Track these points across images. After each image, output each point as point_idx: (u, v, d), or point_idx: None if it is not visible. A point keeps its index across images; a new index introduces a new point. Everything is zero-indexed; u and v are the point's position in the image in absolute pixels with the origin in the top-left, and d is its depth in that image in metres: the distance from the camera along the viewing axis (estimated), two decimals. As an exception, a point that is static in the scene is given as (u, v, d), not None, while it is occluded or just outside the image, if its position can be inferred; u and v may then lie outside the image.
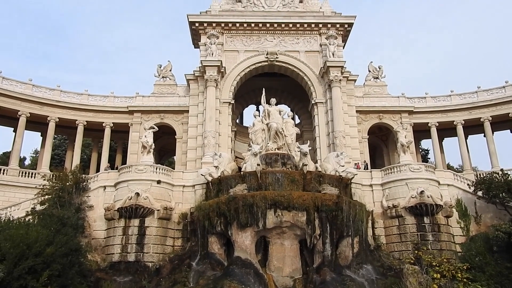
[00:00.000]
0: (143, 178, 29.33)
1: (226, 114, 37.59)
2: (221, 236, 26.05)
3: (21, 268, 17.42)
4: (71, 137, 42.46)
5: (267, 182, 26.68)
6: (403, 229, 28.83)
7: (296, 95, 43.69)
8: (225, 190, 27.64)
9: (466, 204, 30.78)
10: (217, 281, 23.16)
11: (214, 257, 25.73)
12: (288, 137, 31.31)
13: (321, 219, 24.64)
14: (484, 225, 29.92)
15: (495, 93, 40.49)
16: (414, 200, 28.83)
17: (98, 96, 41.38)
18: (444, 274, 24.46)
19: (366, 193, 30.97)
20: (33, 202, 29.72)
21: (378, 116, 39.86)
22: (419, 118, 40.81)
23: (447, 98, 41.76)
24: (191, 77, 38.87)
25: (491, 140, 39.84)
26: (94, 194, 30.67)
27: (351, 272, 24.67)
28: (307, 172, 27.46)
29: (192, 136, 36.99)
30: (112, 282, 25.30)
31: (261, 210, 24.38)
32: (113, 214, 28.71)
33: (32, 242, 18.61)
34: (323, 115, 37.82)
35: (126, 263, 26.92)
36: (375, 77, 41.83)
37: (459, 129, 40.67)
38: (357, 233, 26.10)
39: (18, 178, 36.16)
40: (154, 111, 39.31)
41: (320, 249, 24.69)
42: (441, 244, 27.87)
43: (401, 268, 25.23)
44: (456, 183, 31.90)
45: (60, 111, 39.52)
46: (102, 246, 28.73)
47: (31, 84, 39.26)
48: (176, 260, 26.98)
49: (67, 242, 21.14)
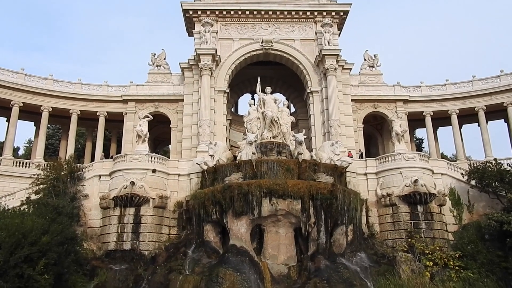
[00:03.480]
0: (138, 167, 29.31)
1: (221, 103, 37.49)
2: (217, 225, 26.19)
3: (17, 256, 17.45)
4: (65, 126, 42.22)
5: (262, 171, 26.78)
6: (397, 217, 29.10)
7: (291, 83, 43.60)
8: (220, 178, 27.71)
9: (459, 193, 31.07)
10: (213, 269, 23.34)
11: (209, 245, 25.89)
12: (283, 126, 31.35)
13: (316, 207, 24.82)
14: (476, 214, 30.26)
15: (490, 83, 40.67)
16: (408, 189, 29.06)
17: (92, 85, 41.12)
18: (436, 262, 24.79)
19: (361, 182, 31.17)
20: (28, 191, 29.67)
21: (373, 105, 39.96)
22: (414, 107, 40.95)
23: (442, 87, 41.89)
24: (185, 66, 38.63)
25: (485, 129, 40.10)
26: (89, 183, 30.63)
27: (345, 260, 24.96)
28: (302, 160, 27.56)
29: (187, 125, 36.91)
30: (108, 270, 25.43)
31: (256, 198, 24.51)
32: (109, 203, 28.73)
33: (28, 231, 18.62)
34: (318, 104, 37.82)
35: (122, 251, 27.04)
36: (371, 65, 41.81)
37: (453, 119, 40.87)
38: (351, 221, 26.34)
39: (12, 168, 36.01)
40: (149, 100, 39.12)
41: (314, 237, 24.92)
42: (434, 233, 28.18)
43: (394, 256, 25.53)
44: (449, 172, 32.16)
45: (53, 100, 39.24)
46: (97, 234, 28.81)
47: (24, 74, 38.91)
48: (171, 248, 27.14)
49: (63, 231, 21.16)
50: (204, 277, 22.93)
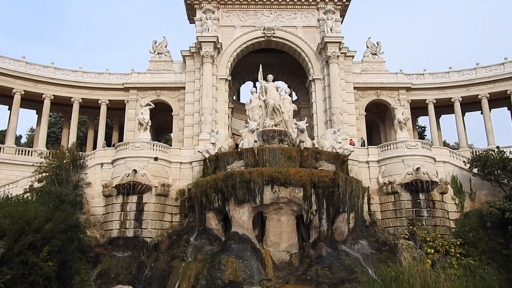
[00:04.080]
0: (140, 155, 29.35)
1: (223, 90, 37.36)
2: (219, 212, 26.31)
3: (21, 244, 17.58)
4: (66, 114, 42.23)
5: (264, 159, 26.78)
6: (399, 205, 29.15)
7: (293, 71, 43.36)
8: (222, 166, 27.74)
9: (461, 181, 31.07)
10: (215, 256, 23.51)
11: (211, 232, 26.04)
12: (285, 113, 31.25)
13: (318, 195, 24.88)
14: (478, 201, 30.30)
15: (493, 70, 40.35)
16: (410, 177, 29.05)
17: (93, 73, 41.00)
18: (437, 249, 24.91)
19: (363, 170, 31.16)
20: (31, 179, 29.79)
21: (375, 93, 39.77)
22: (416, 95, 40.74)
23: (445, 74, 41.60)
24: (187, 54, 38.41)
25: (488, 117, 39.92)
26: (91, 171, 30.73)
27: (346, 247, 25.10)
28: (304, 148, 27.54)
29: (188, 113, 36.84)
30: (111, 257, 25.66)
31: (258, 186, 24.56)
32: (111, 191, 28.84)
33: (31, 218, 18.73)
34: (320, 92, 37.65)
35: (124, 238, 27.23)
36: (373, 53, 41.49)
37: (456, 106, 40.68)
38: (353, 209, 26.41)
39: (15, 156, 36.11)
40: (150, 88, 39.02)
41: (316, 224, 25.02)
42: (436, 220, 28.24)
43: (395, 243, 25.64)
44: (452, 160, 32.12)
45: (55, 88, 39.18)
46: (100, 222, 28.99)
47: (25, 62, 38.81)
48: (174, 236, 27.31)
49: (66, 219, 21.28)
50: (207, 264, 23.12)
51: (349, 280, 21.88)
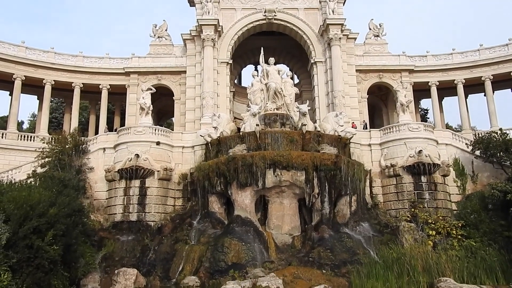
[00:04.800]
0: (142, 139, 29.37)
1: (224, 74, 37.15)
2: (221, 196, 26.44)
3: (26, 228, 17.70)
4: (68, 100, 42.18)
5: (266, 142, 26.76)
6: (400, 187, 29.21)
7: (295, 54, 43.02)
8: (224, 150, 27.77)
9: (463, 163, 31.05)
10: (218, 239, 23.72)
11: (214, 216, 26.22)
12: (287, 97, 31.09)
13: (320, 178, 24.93)
14: (480, 184, 30.32)
15: (497, 51, 39.96)
16: (412, 160, 29.03)
17: (93, 57, 40.80)
18: (439, 231, 25.05)
19: (365, 153, 31.14)
20: (34, 165, 29.91)
21: (378, 75, 39.49)
22: (419, 77, 40.45)
23: (448, 56, 41.23)
24: (187, 37, 38.08)
25: (491, 99, 39.70)
26: (94, 156, 30.80)
27: (348, 230, 25.24)
28: (306, 132, 27.49)
29: (190, 97, 36.73)
30: (115, 241, 25.91)
31: (260, 169, 24.61)
32: (114, 175, 28.96)
33: (35, 203, 18.83)
34: (322, 75, 37.40)
35: (128, 222, 27.46)
36: (376, 35, 41.05)
37: (459, 88, 40.43)
38: (355, 192, 26.47)
39: (18, 142, 36.21)
40: (151, 72, 38.85)
41: (318, 207, 25.15)
42: (437, 203, 28.31)
43: (397, 226, 25.79)
44: (454, 143, 32.03)
45: (56, 73, 39.06)
46: (104, 206, 29.19)
47: (24, 47, 38.60)
48: (177, 219, 27.53)
49: (70, 203, 21.39)
50: (210, 247, 23.34)
51: (351, 261, 22.09)
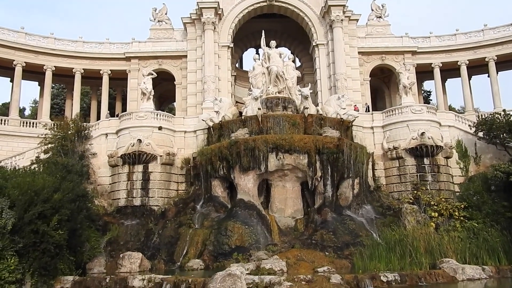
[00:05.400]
0: (144, 124, 29.37)
1: (225, 58, 36.89)
2: (224, 180, 26.53)
3: (31, 213, 17.88)
4: (69, 86, 42.08)
5: (268, 126, 26.72)
6: (403, 170, 29.22)
7: (296, 37, 42.61)
8: (226, 134, 27.75)
9: (466, 145, 30.98)
10: (221, 222, 23.90)
11: (217, 200, 26.36)
12: (288, 80, 30.93)
13: (322, 162, 24.95)
14: (483, 165, 30.29)
15: (502, 31, 39.43)
16: (414, 142, 28.98)
17: (93, 43, 40.55)
18: (441, 212, 25.16)
19: (367, 136, 31.07)
20: (37, 151, 30.01)
21: (380, 58, 39.14)
22: (422, 59, 40.07)
23: (452, 37, 40.75)
24: (187, 21, 37.71)
25: (495, 80, 39.36)
26: (96, 141, 30.87)
27: (351, 212, 25.36)
28: (308, 115, 27.41)
29: (191, 82, 36.57)
30: (120, 225, 26.16)
31: (262, 153, 24.63)
32: (117, 160, 29.05)
33: (40, 189, 18.96)
34: (324, 57, 37.10)
35: (132, 207, 27.67)
36: (378, 16, 40.56)
37: (462, 70, 40.07)
38: (357, 175, 26.52)
39: (20, 128, 36.25)
40: (152, 57, 38.61)
41: (321, 190, 25.22)
42: (440, 185, 28.36)
43: (400, 208, 25.89)
44: (457, 124, 31.91)
45: (56, 59, 38.88)
46: (107, 191, 29.38)
47: (24, 32, 38.33)
48: (180, 204, 27.70)
49: (74, 188, 21.52)
50: (213, 230, 23.54)
51: (353, 243, 22.26)
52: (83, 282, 18.94)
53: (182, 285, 16.73)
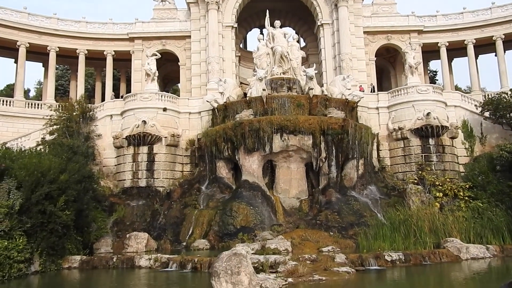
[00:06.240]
0: (148, 106, 29.34)
1: (229, 38, 36.47)
2: (229, 161, 26.61)
3: (38, 194, 18.06)
4: (73, 67, 41.94)
5: (273, 107, 26.63)
6: (408, 150, 29.17)
7: (301, 16, 41.98)
8: (231, 116, 27.71)
9: (472, 125, 30.81)
10: (226, 203, 24.08)
11: (222, 181, 26.50)
12: (293, 61, 30.65)
13: (327, 143, 24.92)
14: (489, 145, 30.18)
15: (510, 9, 38.64)
16: (420, 122, 28.83)
17: (96, 23, 40.20)
18: (446, 193, 25.19)
19: (372, 116, 30.95)
20: (42, 132, 30.17)
21: (386, 37, 38.57)
22: (428, 38, 39.44)
23: (459, 16, 40.01)
24: (191, 0, 37.15)
25: (502, 59, 38.80)
26: (101, 123, 30.93)
27: (355, 193, 25.48)
28: (313, 96, 27.25)
29: (195, 63, 36.29)
30: (126, 206, 26.45)
31: (267, 134, 24.62)
32: (122, 142, 29.16)
33: (46, 170, 19.11)
34: (329, 37, 36.61)
35: (137, 188, 27.89)
36: (384, -7, 39.80)
37: (469, 49, 39.48)
38: (362, 156, 26.52)
39: (25, 110, 36.33)
40: (155, 37, 38.26)
41: (325, 171, 25.26)
42: (445, 165, 28.33)
43: (404, 188, 25.93)
44: (463, 104, 31.67)
45: (60, 40, 38.63)
46: (113, 173, 29.58)
47: (27, 13, 38.01)
48: (185, 185, 27.89)
49: (80, 170, 21.68)
50: (219, 211, 23.73)
51: (358, 224, 22.42)
52: (90, 262, 19.27)
53: (188, 265, 16.99)
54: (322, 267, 15.19)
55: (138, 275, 17.40)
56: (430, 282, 14.98)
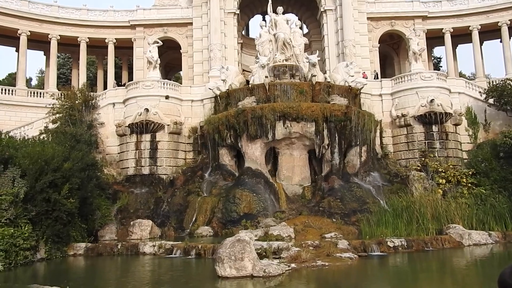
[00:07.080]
0: (151, 93, 29.27)
1: (232, 25, 36.20)
2: (231, 148, 26.63)
3: (42, 182, 18.16)
4: (75, 55, 41.81)
5: (275, 94, 26.54)
6: (411, 137, 29.09)
7: (304, 2, 41.58)
8: (233, 103, 27.63)
9: (476, 112, 30.64)
10: (230, 190, 24.17)
11: (225, 168, 26.55)
12: (296, 47, 30.41)
13: (330, 130, 24.88)
14: (492, 132, 30.04)
15: (516, -6, 38.14)
16: (423, 109, 28.68)
17: (97, 10, 39.96)
18: (449, 179, 25.18)
19: (375, 103, 30.79)
20: (45, 121, 30.15)
21: (389, 23, 38.20)
22: (433, 24, 39.05)
23: (464, 1, 39.49)
24: (193, -14, 36.86)
25: (507, 45, 38.41)
26: (104, 111, 30.92)
27: (358, 180, 25.49)
28: (316, 83, 27.12)
29: (197, 50, 36.10)
30: (129, 194, 26.57)
31: (270, 122, 24.58)
32: (125, 130, 29.17)
33: (50, 158, 19.18)
34: (332, 24, 36.28)
35: (141, 176, 27.99)
36: (388, -21, 39.25)
37: (474, 35, 39.07)
38: (365, 143, 26.48)
39: (27, 98, 36.33)
40: (157, 24, 38.01)
41: (328, 158, 25.27)
42: (448, 152, 28.26)
43: (407, 175, 25.95)
44: (467, 91, 31.45)
45: (61, 28, 38.43)
46: (116, 161, 29.66)
47: (27, 0, 37.75)
48: (188, 172, 27.98)
49: (83, 158, 21.77)
50: (222, 198, 23.84)
51: (360, 210, 22.48)
52: (95, 249, 19.47)
53: (192, 251, 17.14)
54: (324, 253, 15.29)
55: (143, 262, 17.58)
56: (432, 268, 15.07)
